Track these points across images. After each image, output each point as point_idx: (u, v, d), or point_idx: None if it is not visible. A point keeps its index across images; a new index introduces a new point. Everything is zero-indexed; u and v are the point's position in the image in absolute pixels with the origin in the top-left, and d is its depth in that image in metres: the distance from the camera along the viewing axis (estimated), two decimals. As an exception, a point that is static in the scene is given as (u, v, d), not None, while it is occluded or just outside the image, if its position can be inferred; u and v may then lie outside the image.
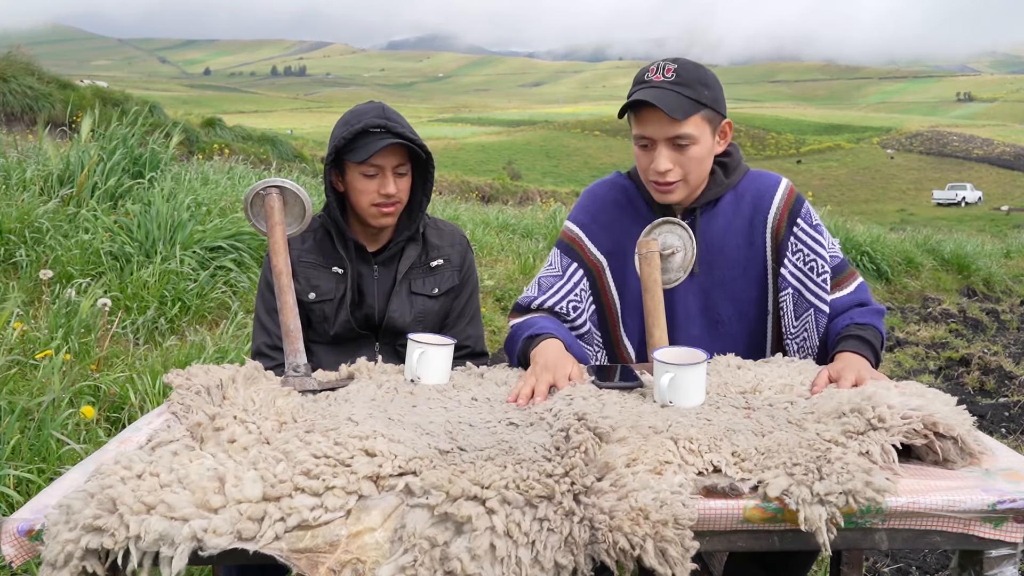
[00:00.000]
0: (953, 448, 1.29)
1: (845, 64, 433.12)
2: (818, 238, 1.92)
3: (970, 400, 4.81)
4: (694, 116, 1.82)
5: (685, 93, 1.81)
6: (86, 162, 5.27)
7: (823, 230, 1.94)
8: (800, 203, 1.95)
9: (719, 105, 1.87)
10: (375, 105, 1.96)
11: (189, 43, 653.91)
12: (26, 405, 2.52)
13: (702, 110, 1.83)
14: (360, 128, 1.87)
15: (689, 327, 1.97)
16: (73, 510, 1.09)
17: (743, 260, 1.95)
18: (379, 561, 1.07)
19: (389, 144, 1.87)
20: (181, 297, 4.13)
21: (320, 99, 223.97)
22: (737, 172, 1.98)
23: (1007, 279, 11.02)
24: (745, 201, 1.96)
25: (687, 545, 1.08)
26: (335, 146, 1.90)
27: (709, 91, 1.84)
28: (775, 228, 1.93)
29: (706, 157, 1.88)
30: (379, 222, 1.98)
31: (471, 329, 2.13)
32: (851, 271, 1.95)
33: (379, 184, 1.92)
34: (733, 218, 1.96)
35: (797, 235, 1.92)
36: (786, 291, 1.92)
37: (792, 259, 1.92)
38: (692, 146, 1.83)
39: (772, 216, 1.93)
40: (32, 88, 13.08)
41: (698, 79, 1.83)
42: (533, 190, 24.71)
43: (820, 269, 1.90)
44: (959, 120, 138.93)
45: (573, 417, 1.32)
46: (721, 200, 1.97)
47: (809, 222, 1.93)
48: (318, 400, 1.60)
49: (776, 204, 1.94)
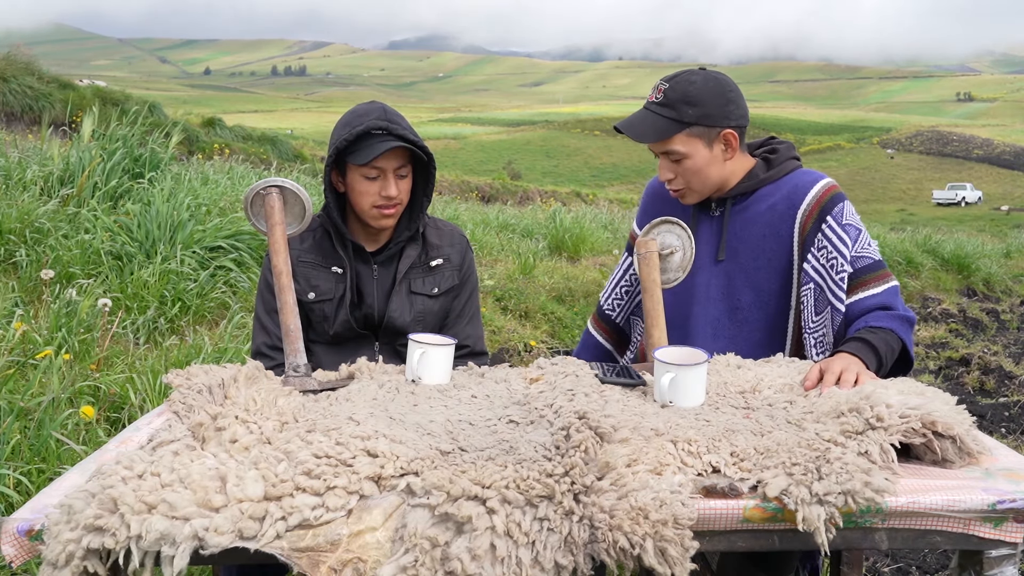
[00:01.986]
0: (952, 448, 1.29)
1: (844, 64, 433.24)
2: (843, 237, 1.93)
3: (970, 400, 4.81)
4: (677, 135, 1.93)
5: (665, 114, 1.93)
6: (87, 162, 5.27)
7: (855, 230, 1.95)
8: (835, 202, 1.96)
9: (710, 119, 1.93)
10: (376, 106, 1.95)
11: (189, 43, 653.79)
12: (26, 405, 2.52)
13: (684, 129, 1.92)
14: (362, 130, 1.87)
15: (709, 307, 2.03)
16: (74, 510, 1.09)
17: (768, 251, 1.99)
18: (380, 560, 1.07)
19: (392, 147, 1.87)
20: (181, 297, 4.13)
21: (320, 99, 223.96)
22: (780, 168, 2.03)
23: (1007, 279, 11.02)
24: (781, 195, 2.00)
25: (687, 545, 1.08)
26: (336, 147, 1.89)
27: (695, 108, 1.91)
28: (803, 223, 1.96)
29: (705, 167, 1.96)
30: (380, 223, 1.98)
31: (471, 329, 2.13)
32: (883, 273, 1.95)
33: (380, 186, 1.91)
34: (765, 210, 2.00)
35: (824, 232, 1.95)
36: (807, 285, 1.96)
37: (816, 255, 1.95)
38: (685, 160, 1.95)
39: (803, 211, 1.97)
40: (32, 88, 13.07)
41: (684, 98, 1.92)
42: (533, 190, 24.70)
43: (839, 268, 1.92)
44: (959, 120, 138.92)
45: (574, 415, 1.32)
46: (757, 192, 2.02)
47: (839, 220, 1.95)
48: (319, 400, 1.60)
49: (808, 200, 1.97)
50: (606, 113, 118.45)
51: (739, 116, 1.96)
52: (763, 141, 2.15)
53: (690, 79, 1.95)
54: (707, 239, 2.05)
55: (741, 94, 2.01)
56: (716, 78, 1.97)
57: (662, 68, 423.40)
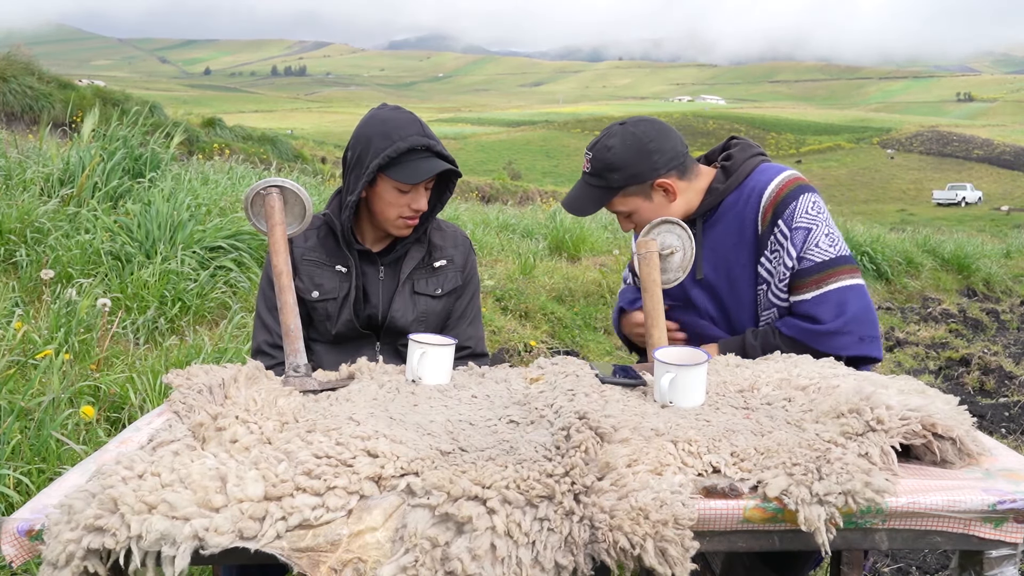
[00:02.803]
0: (952, 449, 1.29)
1: (843, 64, 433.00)
2: (792, 239, 1.92)
3: (970, 400, 4.81)
4: (614, 199, 2.00)
5: (596, 184, 2.01)
6: (87, 162, 5.26)
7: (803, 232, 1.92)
8: (787, 201, 1.93)
9: (638, 178, 1.97)
10: (410, 118, 1.93)
11: (189, 43, 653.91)
12: (26, 405, 2.52)
13: (617, 193, 1.99)
14: (406, 147, 1.86)
15: (710, 330, 2.06)
16: (75, 510, 1.09)
17: (742, 259, 2.00)
18: (380, 560, 1.07)
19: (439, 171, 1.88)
20: (181, 297, 4.13)
21: (320, 99, 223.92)
22: (738, 174, 2.01)
23: (1007, 279, 11.02)
24: (743, 199, 2.00)
25: (687, 545, 1.08)
26: (379, 164, 1.86)
27: (619, 173, 1.97)
28: (761, 223, 1.97)
29: (655, 213, 2.00)
30: (401, 232, 1.99)
31: (472, 330, 2.13)
32: (826, 275, 1.91)
33: (411, 199, 1.92)
34: (732, 219, 2.00)
35: (775, 235, 1.95)
36: (760, 286, 1.99)
37: (769, 256, 1.96)
38: (633, 215, 2.03)
39: (760, 213, 1.97)
40: (32, 88, 13.08)
41: (606, 167, 1.97)
42: (533, 190, 24.70)
43: (783, 273, 1.94)
44: (959, 120, 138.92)
45: (574, 416, 1.32)
46: (722, 204, 2.02)
47: (789, 224, 1.92)
48: (319, 400, 1.60)
49: (764, 201, 1.96)
50: (606, 113, 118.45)
51: (667, 161, 1.97)
52: (722, 146, 2.14)
53: (607, 144, 1.98)
54: None
55: (667, 135, 1.99)
56: (633, 134, 1.97)
57: (661, 68, 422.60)
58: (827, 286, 1.90)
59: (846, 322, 1.88)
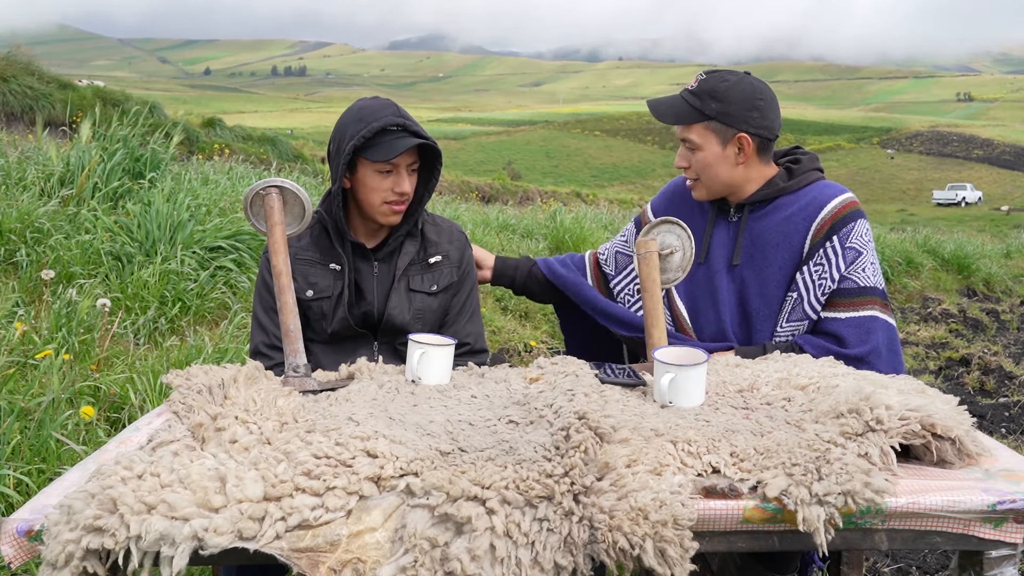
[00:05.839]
0: (951, 449, 1.29)
1: (841, 63, 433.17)
2: (841, 256, 1.95)
3: (970, 400, 4.81)
4: (695, 125, 2.00)
5: (691, 103, 2.00)
6: (87, 162, 5.26)
7: (854, 252, 1.96)
8: (847, 221, 1.97)
9: (730, 119, 1.97)
10: (385, 102, 1.95)
11: (189, 43, 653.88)
12: (26, 405, 2.52)
13: (703, 121, 1.99)
14: (379, 126, 1.86)
15: (723, 312, 2.07)
16: (74, 510, 1.09)
17: (779, 260, 2.01)
18: (380, 561, 1.07)
19: (412, 145, 1.87)
20: (181, 297, 4.13)
21: (320, 99, 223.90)
22: (800, 179, 2.05)
23: (1007, 279, 11.01)
24: (799, 206, 2.03)
25: (686, 545, 1.08)
26: (354, 144, 1.87)
27: (719, 104, 1.97)
28: (814, 236, 1.99)
29: (715, 163, 2.00)
30: (388, 220, 1.98)
31: (471, 326, 2.12)
32: (861, 300, 1.95)
33: (393, 182, 1.91)
34: (782, 220, 2.03)
35: (827, 249, 1.97)
36: (791, 294, 1.99)
37: (812, 269, 1.97)
38: (697, 151, 2.01)
39: (816, 225, 1.99)
40: (32, 88, 13.07)
41: (712, 92, 1.98)
42: (533, 190, 24.69)
43: (826, 286, 1.96)
44: (959, 120, 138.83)
45: (574, 416, 1.32)
46: (775, 201, 2.05)
47: (843, 242, 1.96)
48: (319, 400, 1.60)
49: (823, 215, 1.99)
50: (606, 113, 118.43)
51: (761, 125, 1.98)
52: (788, 150, 2.17)
53: (725, 77, 2.00)
54: (724, 243, 2.09)
55: (774, 107, 2.03)
56: (752, 84, 2.00)
57: (661, 68, 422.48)
58: (862, 311, 1.95)
59: (869, 351, 1.92)
